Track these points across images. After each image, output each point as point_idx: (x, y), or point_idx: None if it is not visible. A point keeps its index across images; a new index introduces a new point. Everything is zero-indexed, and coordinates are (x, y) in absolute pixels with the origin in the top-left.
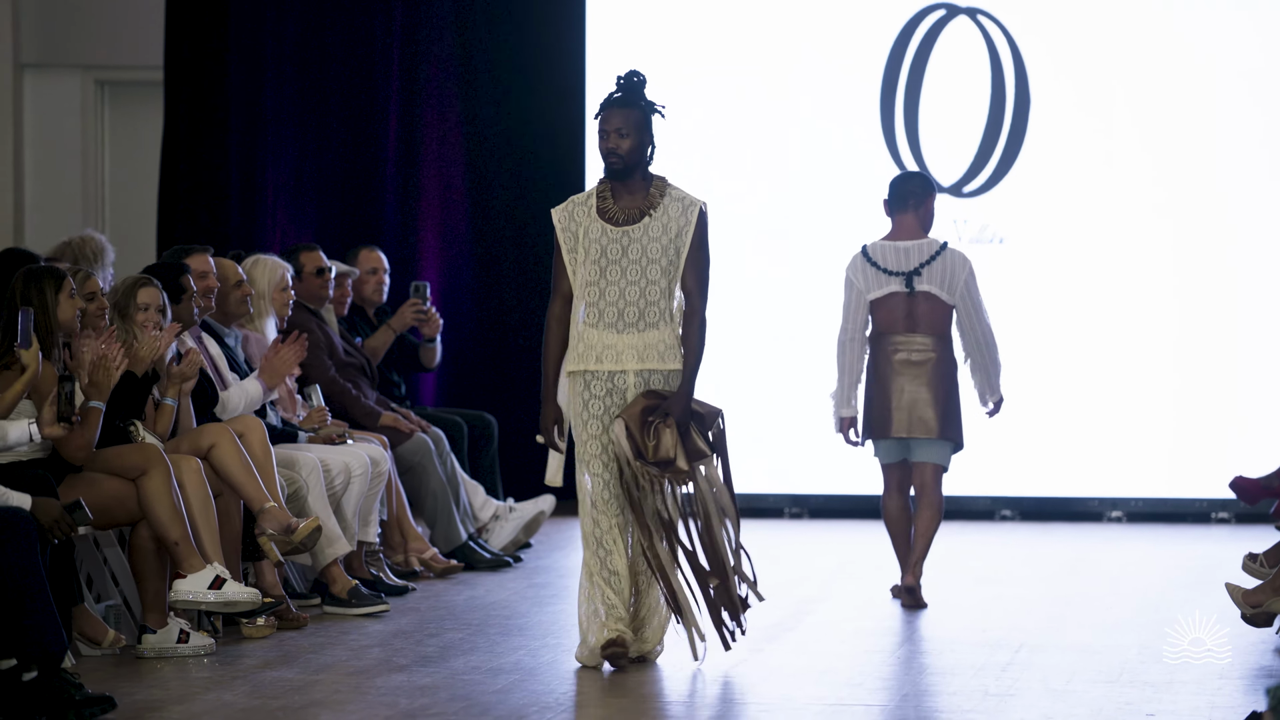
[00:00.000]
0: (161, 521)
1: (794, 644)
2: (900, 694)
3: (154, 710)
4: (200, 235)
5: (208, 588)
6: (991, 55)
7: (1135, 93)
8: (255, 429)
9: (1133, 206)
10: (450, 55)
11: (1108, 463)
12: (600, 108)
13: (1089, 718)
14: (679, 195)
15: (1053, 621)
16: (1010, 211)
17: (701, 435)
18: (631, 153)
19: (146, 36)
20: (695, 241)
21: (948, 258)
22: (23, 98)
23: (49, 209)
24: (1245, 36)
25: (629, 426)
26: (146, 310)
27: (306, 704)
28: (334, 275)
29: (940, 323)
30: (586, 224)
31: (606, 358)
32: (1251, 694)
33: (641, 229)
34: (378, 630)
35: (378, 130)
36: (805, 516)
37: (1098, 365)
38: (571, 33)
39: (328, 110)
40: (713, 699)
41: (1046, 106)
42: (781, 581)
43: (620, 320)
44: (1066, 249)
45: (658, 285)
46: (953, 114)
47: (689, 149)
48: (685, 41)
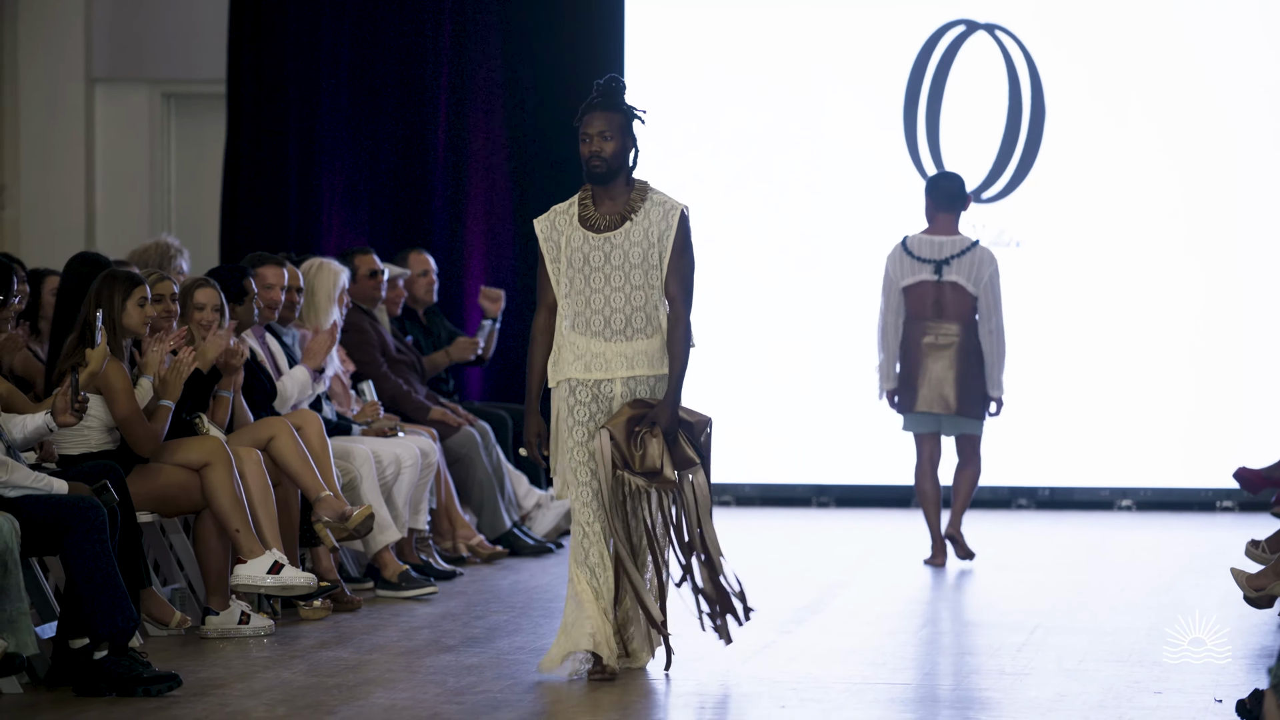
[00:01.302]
0: (223, 510)
1: (820, 626)
2: (921, 673)
3: (217, 687)
4: (260, 240)
5: (267, 572)
6: (1009, 68)
7: (1145, 102)
8: (312, 422)
9: (1144, 210)
10: (495, 65)
11: (1119, 454)
12: (580, 112)
13: (1100, 695)
14: (660, 199)
15: (1066, 604)
16: (1027, 216)
17: (690, 443)
18: (614, 156)
19: (210, 51)
20: (677, 246)
21: (977, 253)
22: (94, 110)
23: (118, 216)
24: (1256, 47)
25: (614, 436)
26: (203, 310)
27: (360, 682)
28: (386, 278)
29: (965, 311)
30: (568, 232)
31: (594, 366)
32: (1254, 673)
33: (623, 234)
34: (427, 612)
35: (427, 138)
36: (831, 505)
37: (1109, 362)
38: (609, 42)
39: (379, 119)
40: (744, 676)
41: (1060, 116)
42: (808, 567)
43: (607, 328)
44: (1081, 251)
45: (641, 291)
46: (972, 123)
47: (724, 153)
48: (718, 52)
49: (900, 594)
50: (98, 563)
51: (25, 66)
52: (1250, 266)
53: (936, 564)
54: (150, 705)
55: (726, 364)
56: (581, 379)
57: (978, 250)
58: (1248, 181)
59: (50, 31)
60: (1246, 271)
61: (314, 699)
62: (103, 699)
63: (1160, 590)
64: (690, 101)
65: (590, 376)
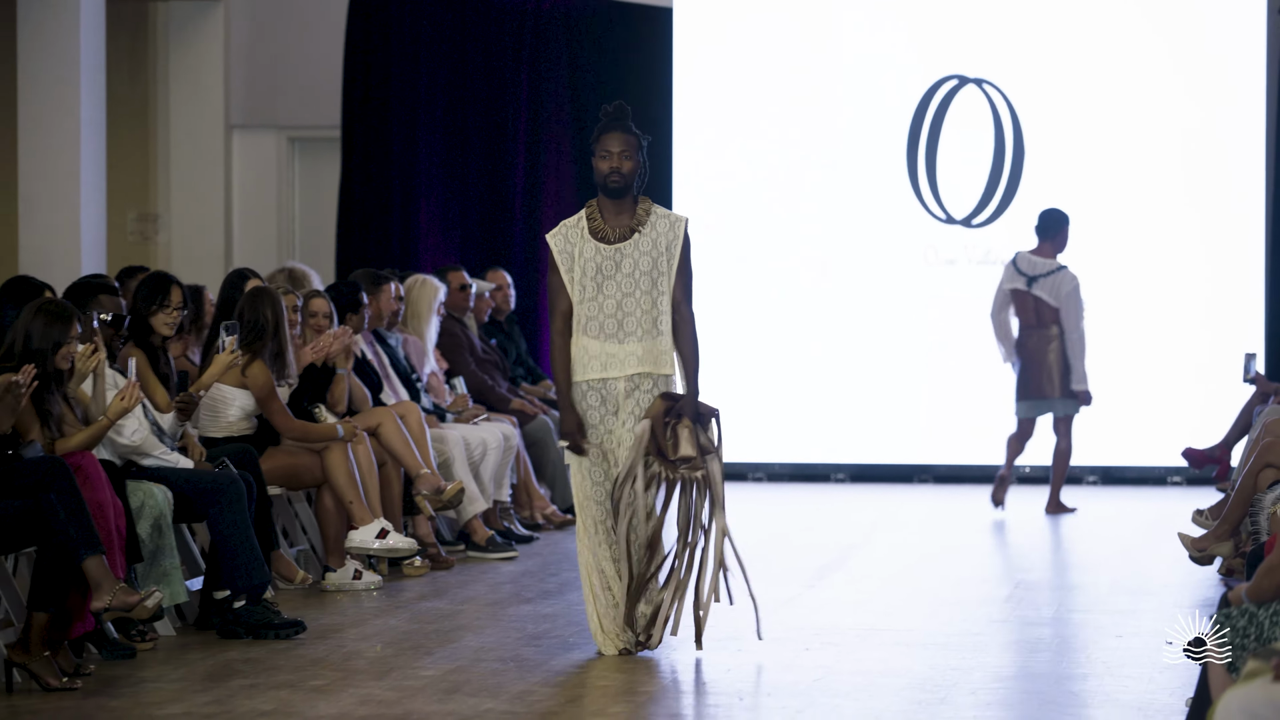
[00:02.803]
0: (339, 485)
1: (838, 582)
2: (923, 620)
3: (335, 632)
4: (369, 259)
5: (375, 537)
6: (994, 115)
7: (1108, 143)
8: (413, 412)
9: (1107, 231)
10: (565, 110)
11: (1087, 437)
12: (598, 132)
13: (1070, 639)
14: (664, 213)
15: (1042, 564)
16: (1010, 239)
17: (705, 433)
18: (631, 173)
19: (327, 102)
20: (683, 255)
21: (1060, 275)
22: (231, 152)
23: (251, 240)
24: (1196, 95)
25: (654, 427)
26: (315, 316)
27: (454, 628)
28: (474, 291)
29: (1053, 318)
30: (580, 244)
31: (611, 365)
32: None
33: (632, 245)
34: (509, 570)
35: (507, 173)
36: (846, 480)
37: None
38: (659, 78)
39: (467, 157)
40: (773, 624)
41: (1038, 156)
42: (828, 533)
43: (620, 331)
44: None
45: (649, 296)
46: (963, 161)
47: (758, 175)
48: (752, 97)
49: (905, 556)
50: (236, 529)
51: (175, 117)
52: (1192, 278)
53: (998, 499)
54: (280, 646)
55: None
56: (591, 381)
57: (1062, 273)
58: (1193, 206)
59: (195, 88)
60: (1190, 282)
61: (415, 642)
62: (241, 641)
63: (1120, 552)
64: (729, 130)
65: (600, 376)
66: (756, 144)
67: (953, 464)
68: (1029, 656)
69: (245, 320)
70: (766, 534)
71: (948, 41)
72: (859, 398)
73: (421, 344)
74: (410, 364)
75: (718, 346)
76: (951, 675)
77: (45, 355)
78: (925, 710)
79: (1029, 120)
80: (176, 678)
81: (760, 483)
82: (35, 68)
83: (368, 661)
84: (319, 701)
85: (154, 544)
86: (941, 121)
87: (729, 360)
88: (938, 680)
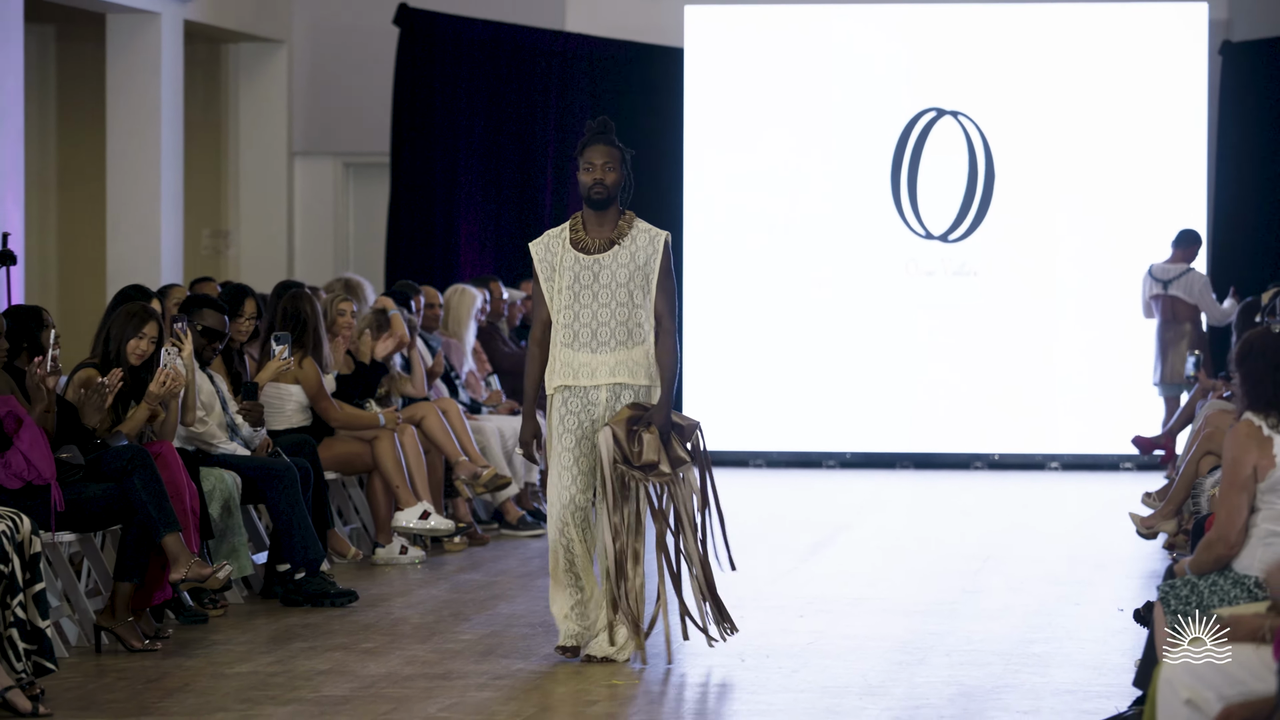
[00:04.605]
0: (387, 470)
1: (829, 557)
2: (903, 589)
3: (383, 600)
4: (414, 272)
5: (418, 518)
6: (968, 143)
7: (1069, 167)
8: (453, 407)
9: (1069, 245)
10: None
11: (1049, 425)
12: (582, 145)
13: (1035, 605)
14: (645, 228)
15: (1009, 540)
16: (982, 253)
17: (681, 444)
18: (614, 185)
19: (377, 132)
20: (663, 270)
21: (1190, 275)
22: (294, 176)
23: (311, 254)
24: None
25: (615, 433)
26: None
27: (489, 597)
28: (506, 299)
29: (1188, 314)
30: (561, 254)
31: (582, 374)
32: (1147, 589)
33: (611, 257)
34: (538, 546)
35: (536, 195)
36: (836, 466)
37: (1044, 357)
38: (672, 111)
39: (502, 181)
40: (770, 594)
41: (1007, 179)
42: (823, 513)
43: (594, 340)
44: (1022, 279)
45: (625, 308)
46: (941, 184)
47: (758, 198)
48: (754, 125)
49: (889, 534)
50: (294, 510)
51: (244, 145)
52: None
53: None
54: (336, 613)
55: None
56: (571, 387)
57: (1191, 273)
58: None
59: (261, 119)
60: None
61: (455, 609)
62: (301, 608)
63: (1077, 529)
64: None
65: (579, 384)
66: (759, 166)
67: (930, 452)
68: (997, 622)
69: (287, 314)
70: (766, 514)
71: (927, 79)
72: (849, 392)
73: (461, 346)
74: (450, 363)
75: (724, 347)
76: (929, 639)
77: (124, 355)
78: (906, 670)
79: (999, 148)
80: (244, 640)
81: (760, 468)
82: (122, 103)
83: (413, 627)
84: (369, 662)
85: (224, 523)
86: (921, 148)
87: (734, 358)
88: (917, 644)
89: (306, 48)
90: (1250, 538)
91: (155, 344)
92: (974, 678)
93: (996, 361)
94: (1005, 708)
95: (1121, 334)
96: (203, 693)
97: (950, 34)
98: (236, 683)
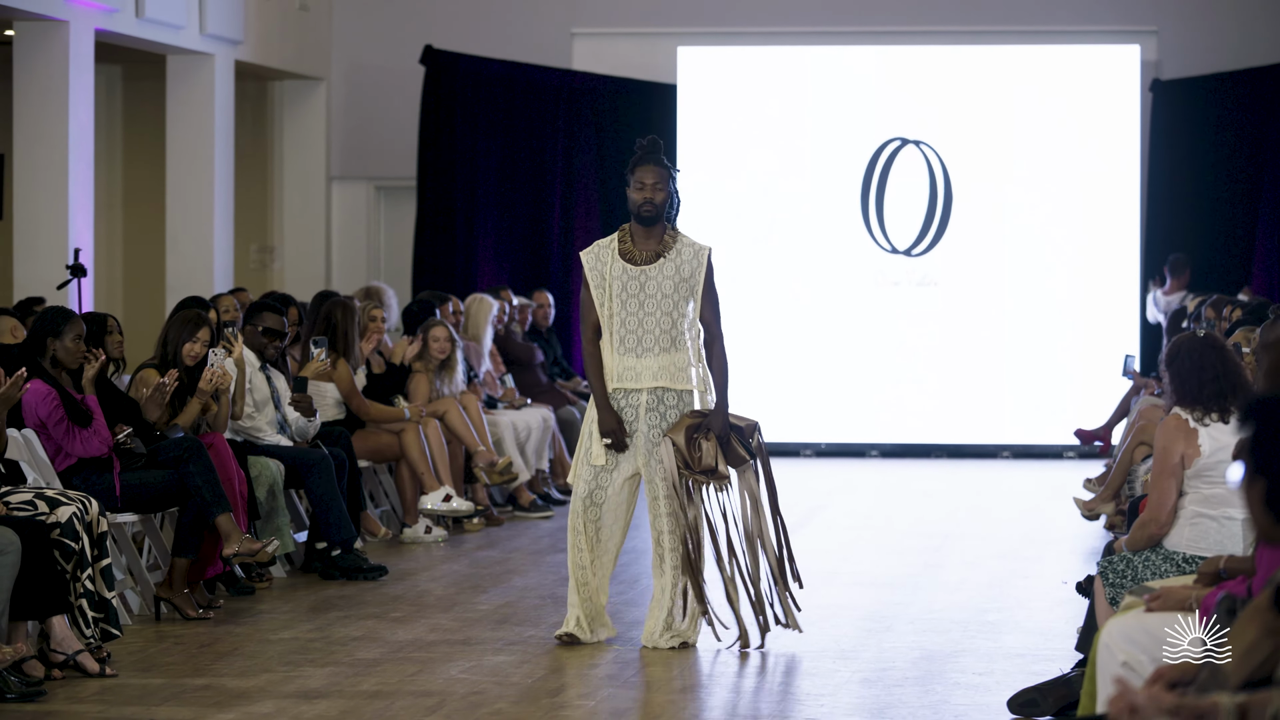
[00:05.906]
0: (413, 459)
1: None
2: (870, 565)
3: (410, 575)
4: (438, 283)
5: (441, 501)
6: (929, 169)
7: (1018, 190)
8: (472, 401)
9: (1014, 262)
10: (591, 164)
11: (1001, 418)
12: (633, 164)
13: (988, 579)
14: (689, 242)
15: (966, 520)
16: (941, 266)
17: (742, 444)
18: (663, 204)
19: (405, 158)
20: (708, 281)
21: None
22: (331, 198)
23: (346, 269)
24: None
25: (675, 442)
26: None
27: (504, 571)
28: (516, 304)
29: None
30: (610, 264)
31: (626, 378)
32: (1088, 564)
33: (657, 269)
34: (548, 526)
35: (547, 214)
36: (813, 455)
37: (997, 358)
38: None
39: (516, 201)
40: None
41: (963, 200)
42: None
43: (639, 346)
44: (977, 289)
45: (670, 316)
46: (905, 205)
47: (743, 219)
48: (740, 150)
49: (859, 515)
50: (329, 494)
51: (288, 170)
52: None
53: None
54: (368, 586)
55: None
56: (613, 390)
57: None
58: (1083, 242)
59: (303, 147)
60: (1082, 300)
61: (474, 582)
62: (337, 581)
63: (1027, 511)
64: (723, 180)
65: (624, 386)
66: (744, 188)
67: (896, 443)
68: (956, 594)
69: (321, 317)
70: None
71: (893, 112)
72: (824, 389)
73: (479, 348)
74: (470, 364)
75: None
76: (895, 609)
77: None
78: (874, 636)
79: (956, 173)
80: (286, 610)
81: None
82: (180, 133)
83: (436, 598)
84: (398, 629)
85: (269, 505)
86: (888, 173)
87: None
88: (884, 613)
89: (343, 85)
90: (1179, 518)
91: (208, 347)
92: (935, 643)
93: (954, 362)
94: (963, 669)
95: (1065, 338)
96: (251, 656)
97: (913, 72)
98: (280, 647)
